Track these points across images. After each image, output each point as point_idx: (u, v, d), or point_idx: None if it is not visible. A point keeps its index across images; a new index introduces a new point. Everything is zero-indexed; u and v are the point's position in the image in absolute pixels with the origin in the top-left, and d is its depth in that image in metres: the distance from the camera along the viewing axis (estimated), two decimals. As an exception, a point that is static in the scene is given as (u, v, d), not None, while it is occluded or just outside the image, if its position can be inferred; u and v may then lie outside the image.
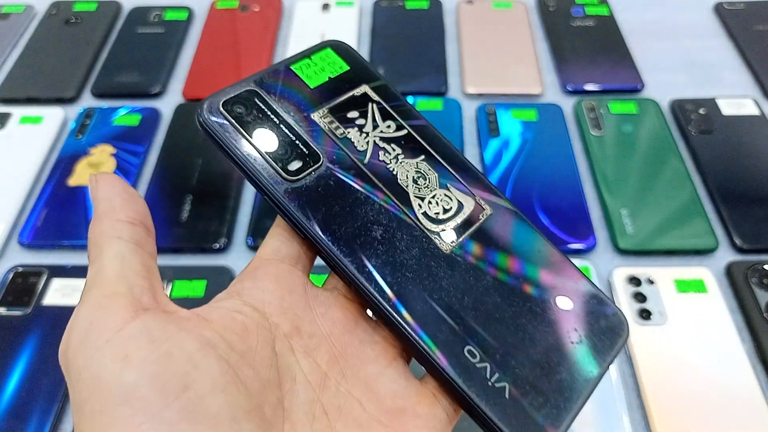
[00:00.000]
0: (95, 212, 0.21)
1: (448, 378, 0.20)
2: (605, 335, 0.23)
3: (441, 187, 0.24)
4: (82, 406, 0.17)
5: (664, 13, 0.69)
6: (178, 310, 0.19)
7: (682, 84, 0.61)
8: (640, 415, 0.39)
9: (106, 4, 0.70)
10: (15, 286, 0.45)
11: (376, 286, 0.21)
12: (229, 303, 0.20)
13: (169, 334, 0.18)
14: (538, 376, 0.21)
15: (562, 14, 0.68)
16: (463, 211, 0.24)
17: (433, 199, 0.24)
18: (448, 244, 0.23)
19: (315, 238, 0.22)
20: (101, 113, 0.58)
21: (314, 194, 0.22)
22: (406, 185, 0.24)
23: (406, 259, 0.22)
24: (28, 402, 0.39)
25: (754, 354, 0.42)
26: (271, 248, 0.22)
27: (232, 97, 0.23)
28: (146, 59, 0.63)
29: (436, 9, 0.69)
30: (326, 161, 0.23)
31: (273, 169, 0.22)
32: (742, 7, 0.69)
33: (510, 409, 0.20)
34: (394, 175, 0.24)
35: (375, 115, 0.25)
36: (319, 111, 0.24)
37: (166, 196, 0.51)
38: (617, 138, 0.55)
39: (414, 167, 0.24)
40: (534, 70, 0.62)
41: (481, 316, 0.22)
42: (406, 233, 0.23)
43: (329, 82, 0.26)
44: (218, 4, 0.70)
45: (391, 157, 0.24)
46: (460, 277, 0.22)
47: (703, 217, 0.49)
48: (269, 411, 0.18)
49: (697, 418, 0.38)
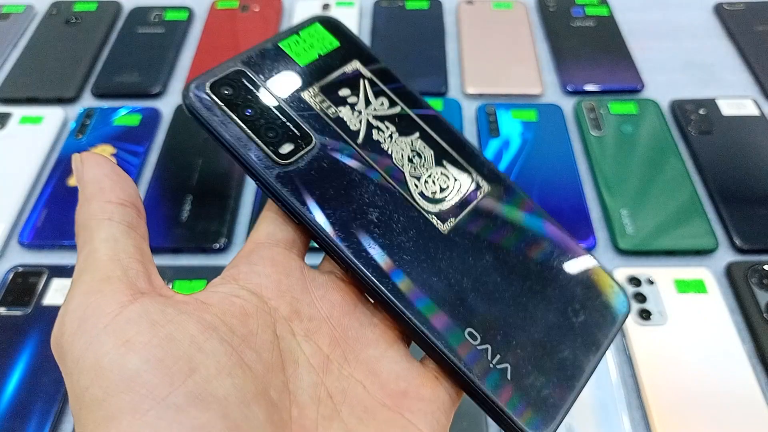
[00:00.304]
0: (82, 194, 0.20)
1: (449, 362, 0.20)
2: (607, 312, 0.22)
3: (437, 165, 0.24)
4: (82, 396, 0.16)
5: (664, 13, 0.69)
6: (175, 294, 0.19)
7: (682, 84, 0.61)
8: (640, 415, 0.39)
9: (106, 4, 0.70)
10: (15, 286, 0.45)
11: (373, 271, 0.21)
12: (226, 288, 0.20)
13: (170, 317, 0.17)
14: (540, 356, 0.21)
15: (562, 14, 0.68)
16: (460, 189, 0.23)
17: (429, 178, 0.23)
18: (446, 224, 0.22)
19: (309, 223, 0.21)
20: (101, 113, 0.58)
21: (307, 178, 0.22)
22: (402, 165, 0.23)
23: (403, 241, 0.22)
24: (28, 402, 0.39)
25: (754, 354, 0.42)
26: (265, 232, 0.22)
27: (220, 78, 0.22)
28: (146, 59, 0.63)
29: (436, 9, 0.69)
30: (318, 143, 0.22)
31: (263, 153, 0.21)
32: (742, 7, 0.69)
33: (512, 390, 0.20)
34: (389, 154, 0.23)
35: (368, 92, 0.24)
36: (310, 90, 0.24)
37: (166, 196, 0.51)
38: (617, 138, 0.55)
39: (409, 146, 0.24)
40: (534, 71, 0.62)
41: (481, 296, 0.21)
42: (403, 215, 0.22)
43: (319, 59, 0.24)
44: (218, 4, 0.70)
45: (385, 136, 0.23)
46: (458, 257, 0.22)
47: (703, 218, 0.49)
48: (275, 394, 0.18)
49: (697, 418, 0.38)
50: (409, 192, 0.23)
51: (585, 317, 0.22)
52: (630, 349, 0.42)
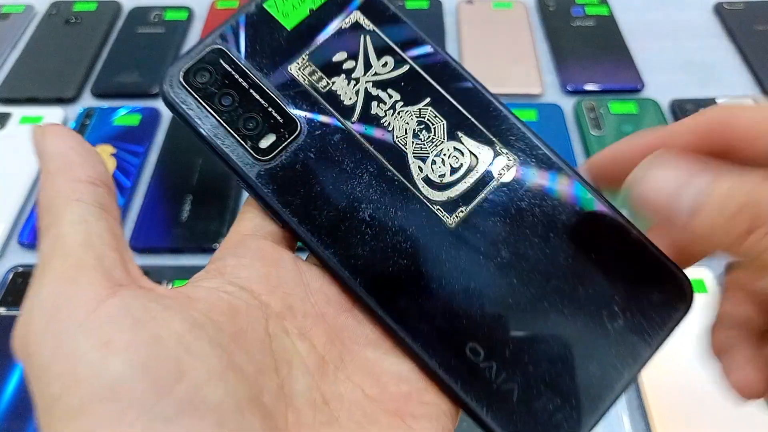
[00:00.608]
0: (45, 169, 0.17)
1: (442, 382, 0.18)
2: (655, 312, 0.18)
3: (450, 138, 0.19)
4: (53, 406, 0.14)
5: (664, 13, 0.69)
6: (156, 287, 0.17)
7: (682, 84, 0.61)
8: (640, 415, 0.39)
9: (106, 4, 0.69)
10: (15, 286, 0.45)
11: (363, 282, 0.18)
12: (212, 282, 0.18)
13: (154, 314, 0.15)
14: (559, 373, 0.17)
15: (562, 14, 0.68)
16: (476, 168, 0.19)
17: (438, 156, 0.19)
18: (454, 216, 0.19)
19: (294, 228, 0.19)
20: (101, 113, 0.58)
21: (291, 174, 0.19)
22: (404, 143, 0.19)
23: (399, 242, 0.18)
24: (28, 402, 0.39)
25: (754, 354, 0.42)
26: (251, 224, 0.20)
27: (194, 63, 0.20)
28: (146, 59, 0.63)
29: (436, 9, 0.69)
30: (305, 129, 0.19)
31: (242, 149, 0.19)
32: (742, 7, 0.69)
33: (517, 415, 0.17)
34: (390, 131, 0.19)
35: (368, 51, 0.20)
36: (298, 60, 0.20)
37: (166, 196, 0.51)
38: (617, 138, 0.55)
39: (416, 116, 0.20)
40: (534, 70, 0.62)
41: (490, 304, 0.18)
42: (401, 210, 0.19)
43: (310, 16, 0.20)
44: (218, 4, 0.70)
45: (386, 108, 0.20)
46: (466, 256, 0.18)
47: (703, 217, 0.49)
48: (269, 399, 0.16)
49: (697, 418, 0.38)
50: (411, 179, 0.19)
51: (626, 321, 0.18)
52: (630, 349, 0.42)
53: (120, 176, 0.53)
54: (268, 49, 0.20)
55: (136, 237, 0.48)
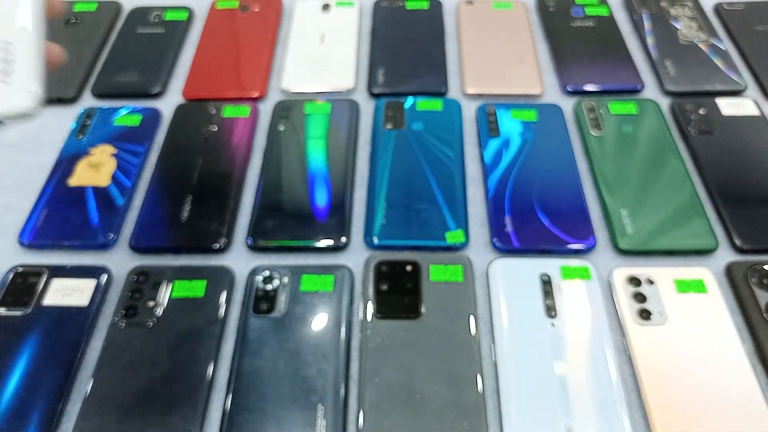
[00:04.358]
0: None
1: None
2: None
3: None
4: None
5: (664, 13, 0.69)
6: None
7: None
8: (640, 415, 0.39)
9: (106, 4, 0.70)
10: (15, 286, 0.45)
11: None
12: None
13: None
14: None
15: (562, 14, 0.68)
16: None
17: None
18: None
19: None
20: (102, 113, 0.58)
21: None
22: None
23: None
24: (28, 402, 0.39)
25: (754, 354, 0.42)
26: None
27: None
28: (146, 59, 0.64)
29: (436, 9, 0.69)
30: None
31: None
32: (742, 7, 0.69)
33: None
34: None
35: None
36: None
37: (166, 196, 0.51)
38: (617, 138, 0.55)
39: None
40: (534, 71, 0.62)
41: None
42: None
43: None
44: (218, 4, 0.70)
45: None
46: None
47: (703, 218, 0.49)
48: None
49: (697, 418, 0.38)
50: None
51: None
52: (630, 348, 0.42)
53: (120, 176, 0.53)
54: None
55: (136, 237, 0.48)
